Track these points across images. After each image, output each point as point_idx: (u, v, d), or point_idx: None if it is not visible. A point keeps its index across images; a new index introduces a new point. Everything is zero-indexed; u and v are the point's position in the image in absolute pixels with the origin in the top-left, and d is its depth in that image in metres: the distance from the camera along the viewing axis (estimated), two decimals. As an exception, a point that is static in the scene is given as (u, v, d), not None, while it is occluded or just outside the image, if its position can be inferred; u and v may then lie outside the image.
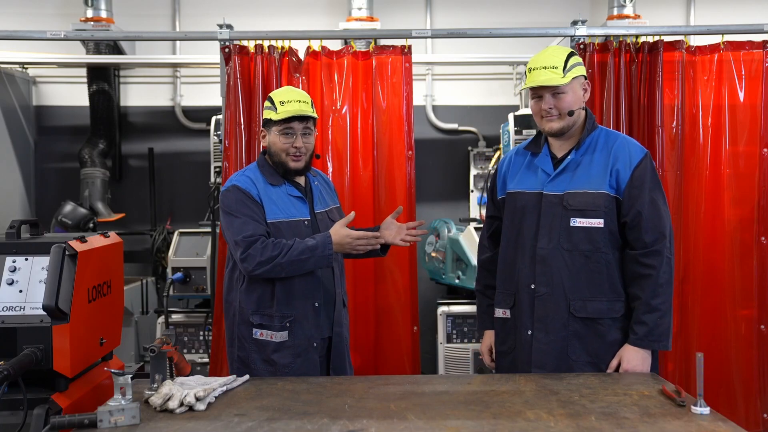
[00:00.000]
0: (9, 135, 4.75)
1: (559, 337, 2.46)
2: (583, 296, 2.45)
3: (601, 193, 2.44)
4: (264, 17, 5.00)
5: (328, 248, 2.55)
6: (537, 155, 2.59)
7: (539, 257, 2.49)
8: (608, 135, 2.57)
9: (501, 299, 2.63)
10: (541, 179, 2.54)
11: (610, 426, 1.80)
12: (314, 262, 2.57)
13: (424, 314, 4.01)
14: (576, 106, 2.50)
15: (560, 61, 2.46)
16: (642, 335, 2.40)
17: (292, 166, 2.69)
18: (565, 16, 4.37)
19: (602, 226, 2.44)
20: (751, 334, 3.53)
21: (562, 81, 2.44)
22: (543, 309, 2.49)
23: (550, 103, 2.47)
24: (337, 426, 1.81)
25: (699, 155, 3.56)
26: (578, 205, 2.45)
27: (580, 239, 2.45)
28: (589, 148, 2.52)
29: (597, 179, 2.46)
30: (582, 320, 2.45)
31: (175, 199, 5.09)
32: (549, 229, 2.48)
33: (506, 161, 2.72)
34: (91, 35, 4.40)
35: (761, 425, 3.52)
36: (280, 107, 2.66)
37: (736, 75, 3.56)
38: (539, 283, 2.49)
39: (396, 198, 3.61)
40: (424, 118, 5.05)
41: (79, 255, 1.91)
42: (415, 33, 3.67)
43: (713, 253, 3.54)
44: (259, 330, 2.66)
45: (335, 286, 2.75)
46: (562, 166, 2.51)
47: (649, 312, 2.40)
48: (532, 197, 2.54)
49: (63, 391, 1.89)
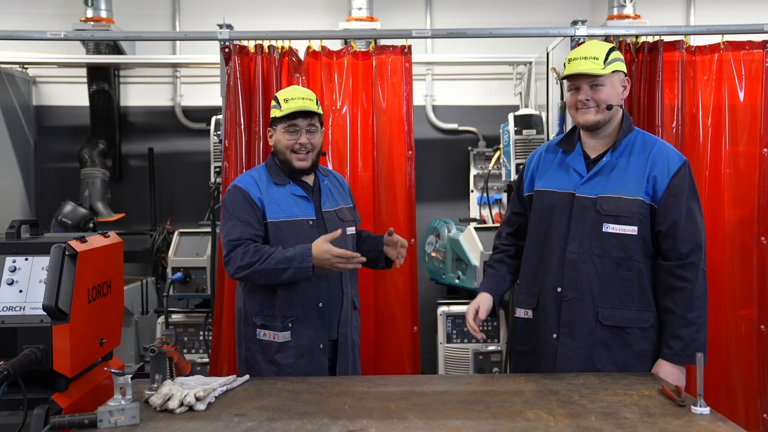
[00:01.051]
0: (9, 135, 4.75)
1: (586, 344, 2.41)
2: (613, 304, 2.40)
3: (637, 199, 2.38)
4: (264, 17, 5.00)
5: (306, 261, 2.50)
6: (569, 153, 2.52)
7: (568, 261, 2.43)
8: (645, 138, 2.50)
9: (523, 299, 2.58)
10: (573, 179, 2.47)
11: (610, 426, 1.80)
12: (292, 273, 2.52)
13: (424, 314, 4.01)
14: (614, 101, 2.43)
15: (602, 53, 2.41)
16: (678, 350, 2.34)
17: (297, 165, 2.69)
18: (565, 16, 4.37)
19: (636, 233, 2.38)
20: (751, 334, 3.53)
21: (603, 71, 2.38)
22: (570, 314, 2.43)
23: (587, 93, 2.41)
24: (337, 426, 1.81)
25: (699, 155, 3.56)
26: (612, 211, 2.39)
27: (612, 246, 2.39)
28: (625, 150, 2.45)
29: (633, 185, 2.39)
30: (610, 328, 2.40)
31: (175, 199, 5.08)
32: (580, 233, 2.42)
33: (536, 157, 2.64)
34: (91, 35, 4.40)
35: (761, 425, 3.52)
36: (284, 104, 2.67)
37: (736, 75, 3.56)
38: (567, 287, 2.43)
39: (396, 198, 3.61)
40: (424, 118, 5.05)
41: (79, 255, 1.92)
42: (415, 33, 3.67)
43: (713, 253, 3.53)
44: (262, 330, 2.66)
45: (343, 286, 2.72)
46: (597, 168, 2.44)
47: (686, 326, 2.35)
48: (562, 197, 2.47)
49: (63, 391, 1.89)
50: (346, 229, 2.75)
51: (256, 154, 3.53)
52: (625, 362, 2.40)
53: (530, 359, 2.55)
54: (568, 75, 2.43)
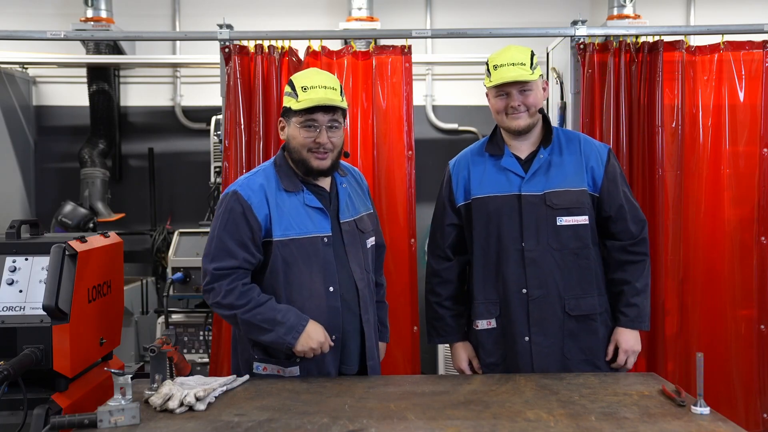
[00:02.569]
0: (9, 135, 4.75)
1: (557, 339, 2.47)
2: (576, 294, 2.48)
3: (583, 190, 2.49)
4: (264, 17, 5.00)
5: (293, 334, 2.19)
6: (500, 157, 2.54)
7: (528, 259, 2.46)
8: (567, 134, 2.61)
9: (483, 310, 2.54)
10: (513, 181, 2.50)
11: (610, 426, 1.80)
12: (272, 338, 2.20)
13: (424, 314, 4.00)
14: (541, 104, 2.53)
15: (526, 58, 2.46)
16: (633, 317, 2.50)
17: (315, 165, 2.28)
18: (565, 16, 4.37)
19: (587, 222, 2.48)
20: (751, 334, 3.52)
21: (531, 77, 2.44)
22: (539, 312, 2.47)
23: (518, 99, 2.46)
24: (337, 426, 1.81)
25: (699, 155, 3.55)
26: (563, 204, 2.46)
27: (568, 237, 2.47)
28: (554, 147, 2.54)
29: (574, 177, 2.49)
30: (576, 318, 2.48)
31: (175, 199, 5.08)
32: (536, 230, 2.47)
33: (463, 165, 2.62)
34: (91, 35, 4.40)
35: (761, 425, 3.52)
36: (302, 94, 2.24)
37: (736, 75, 3.55)
38: (532, 286, 2.47)
39: (396, 198, 3.60)
40: (424, 118, 5.05)
41: (79, 255, 1.92)
42: (415, 33, 3.66)
43: (713, 253, 3.53)
44: (261, 364, 2.31)
45: (362, 313, 2.35)
46: (536, 166, 2.50)
47: (637, 294, 2.50)
48: (508, 200, 2.49)
49: (63, 391, 1.90)
50: (366, 242, 2.43)
51: (256, 154, 3.52)
52: (591, 348, 2.50)
53: (501, 369, 2.53)
54: (501, 83, 2.46)
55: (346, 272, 2.34)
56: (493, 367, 2.56)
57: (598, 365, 2.49)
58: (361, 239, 2.41)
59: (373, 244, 2.51)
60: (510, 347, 2.51)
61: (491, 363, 2.57)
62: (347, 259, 2.35)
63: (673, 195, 3.49)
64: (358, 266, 2.37)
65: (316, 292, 2.28)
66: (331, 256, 2.31)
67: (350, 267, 2.35)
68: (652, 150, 3.48)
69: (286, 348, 2.22)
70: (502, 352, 2.54)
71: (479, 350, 2.60)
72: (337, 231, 2.34)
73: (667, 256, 3.47)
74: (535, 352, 2.47)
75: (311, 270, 2.28)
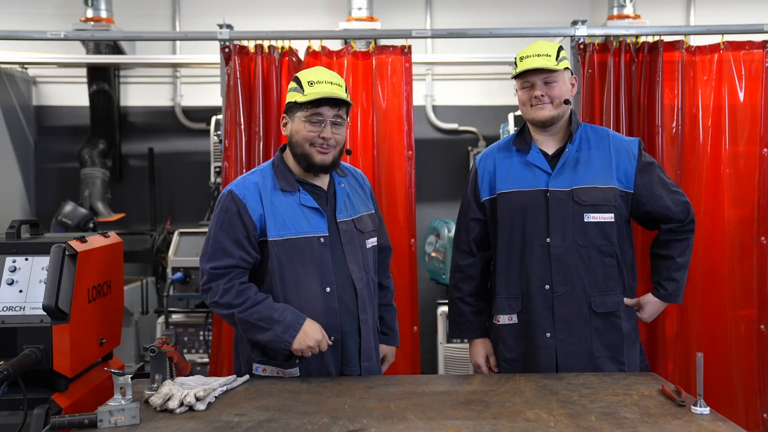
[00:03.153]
0: (9, 135, 4.75)
1: (583, 336, 2.46)
2: (601, 291, 2.47)
3: (611, 187, 2.47)
4: (264, 17, 5.00)
5: (290, 332, 2.19)
6: (526, 152, 2.53)
7: (554, 256, 2.45)
8: (596, 130, 2.59)
9: (505, 305, 2.53)
10: (540, 177, 2.49)
11: (610, 426, 1.80)
12: (269, 337, 2.20)
13: (424, 314, 4.01)
14: (566, 96, 2.48)
15: (552, 50, 2.46)
16: (672, 291, 2.55)
17: (318, 160, 2.27)
18: (565, 16, 4.37)
19: (613, 220, 2.46)
20: (751, 334, 3.52)
21: (556, 66, 2.43)
22: (564, 309, 2.45)
23: (542, 89, 2.44)
24: (337, 426, 1.81)
25: (699, 155, 3.55)
26: (591, 200, 2.45)
27: (594, 234, 2.45)
28: (582, 143, 2.52)
29: (603, 174, 2.47)
30: (601, 315, 2.47)
31: (175, 199, 5.09)
32: (562, 226, 2.45)
33: (489, 160, 2.61)
34: (91, 35, 4.40)
35: (761, 425, 3.52)
36: (308, 88, 2.25)
37: (736, 75, 3.55)
38: (557, 282, 2.45)
39: (396, 198, 3.60)
40: (424, 118, 5.06)
41: (79, 255, 1.92)
42: (415, 33, 3.67)
43: (713, 253, 3.53)
44: (260, 366, 2.32)
45: (359, 312, 2.34)
46: (563, 161, 2.48)
47: (678, 270, 2.55)
48: (534, 195, 2.48)
49: (63, 391, 1.90)
50: (365, 242, 2.41)
51: (256, 154, 3.52)
52: (616, 344, 2.49)
53: (521, 365, 2.53)
54: (523, 71, 2.45)
55: (343, 272, 2.32)
56: (513, 363, 2.54)
57: (621, 361, 2.48)
58: (360, 239, 2.38)
59: (374, 245, 2.48)
60: (530, 343, 2.49)
61: (511, 359, 2.55)
62: (345, 259, 2.33)
63: (673, 195, 3.49)
64: (356, 266, 2.35)
65: (313, 293, 2.27)
66: (328, 256, 2.29)
67: (348, 267, 2.33)
68: (652, 150, 3.47)
69: (284, 347, 2.21)
70: (523, 349, 2.53)
71: (499, 346, 2.58)
72: (334, 230, 2.32)
73: (667, 256, 3.46)
74: (560, 349, 2.45)
75: (307, 270, 2.27)
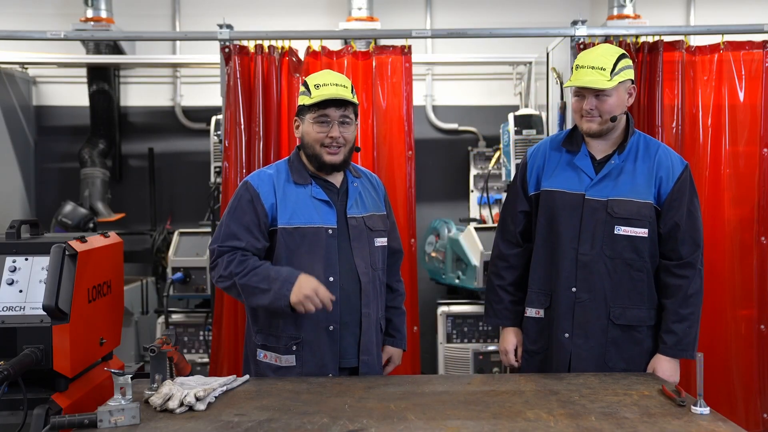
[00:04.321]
0: (9, 135, 4.75)
1: (599, 343, 2.46)
2: (623, 304, 2.45)
3: (647, 203, 2.44)
4: (264, 17, 5.00)
5: (287, 286, 2.22)
6: (575, 154, 2.52)
7: (581, 263, 2.46)
8: (648, 142, 2.54)
9: (535, 299, 2.56)
10: (583, 181, 2.48)
11: (610, 426, 1.80)
12: (270, 298, 2.25)
13: (424, 314, 4.01)
14: (618, 111, 2.44)
15: (609, 62, 2.39)
16: (671, 344, 2.43)
17: (328, 159, 2.36)
18: (565, 16, 4.37)
19: (646, 235, 2.44)
20: (751, 334, 3.53)
21: (607, 84, 2.37)
22: (583, 315, 2.47)
23: (591, 104, 2.41)
24: (337, 426, 1.81)
25: (699, 155, 3.55)
26: (624, 214, 2.43)
27: (623, 247, 2.44)
28: (630, 153, 2.49)
29: (642, 188, 2.45)
30: (621, 327, 2.46)
31: (175, 199, 5.09)
32: (592, 235, 2.45)
33: (540, 155, 2.60)
34: (91, 35, 4.40)
35: (761, 425, 3.52)
36: (314, 91, 2.35)
37: (736, 75, 3.55)
38: (580, 288, 2.46)
39: (396, 198, 3.60)
40: (424, 118, 5.05)
41: (79, 255, 1.92)
42: (415, 33, 3.67)
43: (713, 253, 3.53)
44: (263, 351, 2.41)
45: (362, 306, 2.39)
46: (606, 171, 2.47)
47: (678, 321, 2.43)
48: (573, 199, 2.48)
49: (63, 391, 1.89)
50: (374, 240, 2.46)
51: (256, 154, 3.53)
52: (634, 359, 2.46)
53: (540, 358, 2.56)
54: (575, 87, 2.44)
55: (349, 265, 2.38)
56: (534, 355, 2.58)
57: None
58: (369, 236, 2.44)
59: (384, 245, 2.52)
60: (552, 339, 2.53)
61: (533, 351, 2.59)
62: (352, 253, 2.39)
63: (673, 195, 3.49)
64: (362, 261, 2.40)
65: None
66: (334, 247, 2.36)
67: (354, 260, 2.39)
68: (652, 150, 3.48)
69: (284, 303, 2.23)
70: (544, 343, 2.55)
71: (523, 337, 2.62)
72: (343, 224, 2.40)
73: (667, 256, 3.46)
74: (574, 353, 2.47)
75: (313, 259, 2.34)
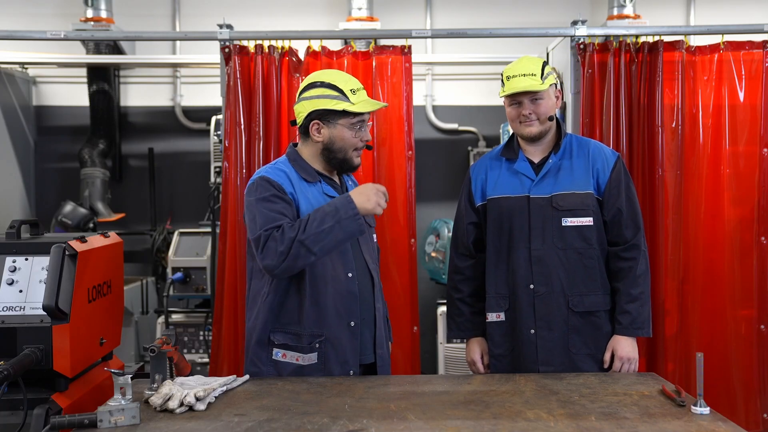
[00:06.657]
0: (9, 135, 4.75)
1: (562, 333, 2.57)
2: (581, 291, 2.59)
3: (588, 193, 2.60)
4: (264, 17, 5.00)
5: (351, 207, 2.21)
6: (514, 161, 2.68)
7: (535, 258, 2.59)
8: (579, 140, 2.72)
9: (494, 303, 2.67)
10: (525, 183, 2.64)
11: (610, 426, 1.80)
12: (343, 228, 2.20)
13: (424, 314, 4.01)
14: (552, 112, 2.63)
15: (537, 68, 2.58)
16: (627, 324, 2.55)
17: (357, 163, 2.43)
18: (565, 16, 4.37)
19: (592, 224, 2.58)
20: (751, 334, 3.52)
21: (542, 87, 2.56)
22: (544, 308, 2.58)
23: (529, 108, 2.58)
24: (337, 426, 1.81)
25: (699, 155, 3.55)
26: (568, 206, 2.58)
27: (573, 238, 2.58)
28: (566, 152, 2.66)
29: (581, 181, 2.60)
30: (580, 314, 2.58)
31: (175, 199, 5.09)
32: (542, 231, 2.59)
33: (482, 168, 2.78)
34: (91, 35, 4.40)
35: (761, 425, 3.52)
36: (352, 96, 2.34)
37: (736, 75, 3.55)
38: (538, 283, 2.58)
39: (396, 198, 3.60)
40: (424, 118, 5.05)
41: (79, 255, 1.92)
42: (415, 33, 3.67)
43: (713, 253, 3.53)
44: (281, 351, 2.34)
45: (375, 301, 2.44)
46: (545, 170, 2.63)
47: (631, 301, 2.56)
48: (518, 201, 2.63)
49: (63, 391, 1.90)
50: (372, 236, 2.56)
51: (256, 154, 3.52)
52: (596, 343, 2.58)
53: (509, 359, 2.65)
54: (512, 93, 2.57)
55: (361, 261, 2.44)
56: (501, 359, 2.66)
57: (601, 359, 2.58)
58: (369, 233, 2.49)
59: (376, 241, 2.62)
60: (517, 339, 2.62)
61: (499, 354, 2.67)
62: (361, 249, 2.44)
63: (673, 195, 3.49)
64: (369, 257, 2.47)
65: (337, 277, 2.36)
66: (348, 244, 2.38)
67: (364, 257, 2.44)
68: (652, 150, 3.48)
69: (359, 222, 2.22)
70: (509, 345, 2.65)
71: (487, 342, 2.71)
72: None
73: (667, 257, 3.47)
74: (540, 345, 2.57)
75: (332, 255, 2.34)
